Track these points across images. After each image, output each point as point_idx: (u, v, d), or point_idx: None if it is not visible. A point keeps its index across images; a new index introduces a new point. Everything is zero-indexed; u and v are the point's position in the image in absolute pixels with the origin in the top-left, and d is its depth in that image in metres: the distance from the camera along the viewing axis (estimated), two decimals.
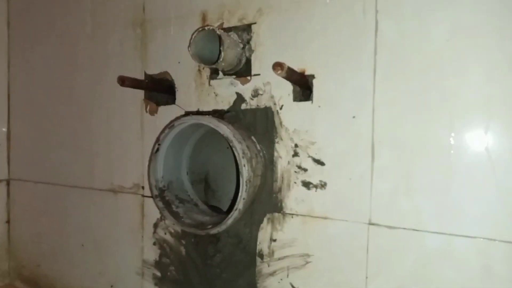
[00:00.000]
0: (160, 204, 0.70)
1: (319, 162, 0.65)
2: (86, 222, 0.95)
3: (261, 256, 0.71)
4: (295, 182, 0.67)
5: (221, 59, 0.65)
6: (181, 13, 0.79)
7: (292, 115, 0.68)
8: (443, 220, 0.56)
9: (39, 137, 1.04)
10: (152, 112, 0.83)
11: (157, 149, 0.69)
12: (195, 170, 0.83)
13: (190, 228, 0.67)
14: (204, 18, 0.76)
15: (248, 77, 0.71)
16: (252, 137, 0.69)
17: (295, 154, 0.67)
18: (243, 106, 0.72)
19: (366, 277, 0.62)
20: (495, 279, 0.53)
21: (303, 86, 0.65)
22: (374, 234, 0.61)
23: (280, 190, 0.69)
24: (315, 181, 0.65)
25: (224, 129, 0.62)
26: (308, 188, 0.66)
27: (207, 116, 0.66)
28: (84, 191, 0.95)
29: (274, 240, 0.69)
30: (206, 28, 0.65)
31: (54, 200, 1.02)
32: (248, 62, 0.71)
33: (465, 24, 0.55)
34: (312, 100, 0.66)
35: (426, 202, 0.57)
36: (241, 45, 0.71)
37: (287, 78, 0.60)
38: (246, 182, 0.61)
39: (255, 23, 0.71)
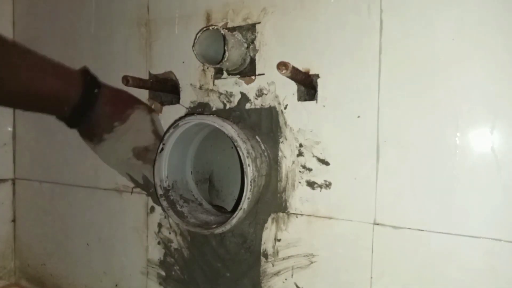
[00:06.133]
0: (165, 203, 0.70)
1: (323, 162, 0.65)
2: (91, 221, 0.96)
3: (266, 255, 0.71)
4: (299, 182, 0.67)
5: (225, 59, 0.65)
6: (185, 13, 0.79)
7: (296, 115, 0.67)
8: (448, 220, 0.56)
9: (44, 136, 1.05)
10: (157, 112, 0.83)
11: (162, 149, 0.69)
12: (199, 170, 0.83)
13: (195, 228, 0.67)
14: (208, 17, 0.76)
15: (253, 77, 0.71)
16: (257, 137, 0.69)
17: (300, 154, 0.67)
18: (248, 106, 0.72)
19: (371, 277, 0.62)
20: (500, 280, 0.53)
21: (307, 85, 0.65)
22: (379, 234, 0.61)
23: (284, 190, 0.69)
24: (319, 181, 0.65)
25: (229, 128, 0.62)
26: (313, 188, 0.66)
27: (212, 115, 0.66)
28: (89, 191, 0.95)
29: (279, 240, 0.70)
30: (210, 27, 0.65)
31: (59, 200, 1.02)
32: (253, 61, 0.71)
33: (471, 23, 0.54)
34: (316, 99, 0.65)
35: (431, 202, 0.57)
36: (246, 45, 0.71)
37: (292, 77, 0.60)
38: (250, 181, 0.61)
39: (259, 22, 0.71)
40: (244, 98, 0.72)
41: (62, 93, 0.60)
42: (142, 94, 0.84)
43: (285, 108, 0.68)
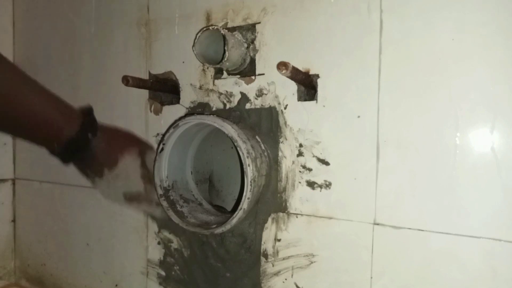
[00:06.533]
0: (165, 203, 0.70)
1: (324, 162, 0.65)
2: (91, 221, 0.96)
3: (266, 256, 0.71)
4: (299, 182, 0.67)
5: (225, 59, 0.65)
6: (185, 13, 0.79)
7: (296, 115, 0.67)
8: (448, 220, 0.56)
9: None
10: (157, 112, 0.83)
11: (162, 149, 0.69)
12: (199, 170, 0.83)
13: (195, 228, 0.67)
14: (208, 17, 0.76)
15: (253, 77, 0.71)
16: (257, 137, 0.69)
17: (300, 154, 0.67)
18: (248, 106, 0.72)
19: (371, 277, 0.62)
20: (500, 280, 0.53)
21: (307, 85, 0.65)
22: (379, 234, 0.61)
23: (284, 190, 0.69)
24: (319, 181, 0.65)
25: (229, 128, 0.62)
26: (313, 188, 0.66)
27: (212, 115, 0.66)
28: (89, 191, 0.95)
29: (279, 240, 0.70)
30: (210, 27, 0.65)
31: (59, 200, 1.02)
32: (253, 61, 0.71)
33: (471, 23, 0.54)
34: (316, 99, 0.65)
35: (431, 202, 0.57)
36: (246, 45, 0.71)
37: (292, 77, 0.60)
38: (250, 181, 0.61)
39: (259, 22, 0.71)
40: (244, 98, 0.72)
41: (57, 126, 0.60)
42: (142, 94, 0.84)
43: (285, 108, 0.68)
